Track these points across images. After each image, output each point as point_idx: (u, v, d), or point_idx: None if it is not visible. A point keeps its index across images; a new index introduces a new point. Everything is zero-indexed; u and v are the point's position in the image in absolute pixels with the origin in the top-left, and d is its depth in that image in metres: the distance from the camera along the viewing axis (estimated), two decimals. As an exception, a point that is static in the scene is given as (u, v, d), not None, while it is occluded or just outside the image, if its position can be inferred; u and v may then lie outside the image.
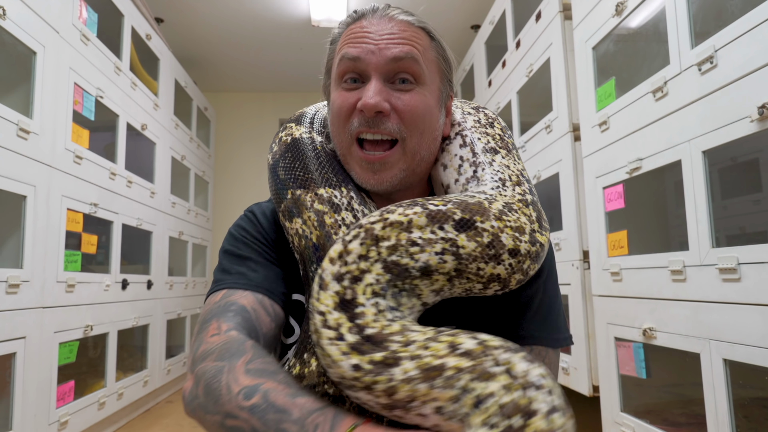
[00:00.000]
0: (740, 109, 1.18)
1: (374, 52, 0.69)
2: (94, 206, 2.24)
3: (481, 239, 0.58)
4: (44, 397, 1.87)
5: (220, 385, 0.58)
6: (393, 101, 0.69)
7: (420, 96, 0.71)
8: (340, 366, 0.50)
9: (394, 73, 0.70)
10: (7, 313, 1.67)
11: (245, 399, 0.55)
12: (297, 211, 0.70)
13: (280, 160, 0.76)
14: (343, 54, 0.71)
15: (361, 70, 0.70)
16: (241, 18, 3.51)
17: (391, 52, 0.69)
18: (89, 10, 2.23)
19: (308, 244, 0.69)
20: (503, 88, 2.82)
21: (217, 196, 4.62)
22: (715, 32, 1.26)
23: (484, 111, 0.83)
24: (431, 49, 0.74)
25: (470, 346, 0.46)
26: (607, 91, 1.77)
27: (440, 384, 0.44)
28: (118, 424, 2.61)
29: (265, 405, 0.53)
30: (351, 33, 0.73)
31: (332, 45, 0.77)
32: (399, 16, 0.73)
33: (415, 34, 0.72)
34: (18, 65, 1.83)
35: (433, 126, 0.73)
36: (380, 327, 0.51)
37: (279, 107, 4.84)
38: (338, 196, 0.70)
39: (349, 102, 0.71)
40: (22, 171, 1.75)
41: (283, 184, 0.73)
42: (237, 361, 0.59)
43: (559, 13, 2.14)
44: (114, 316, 2.44)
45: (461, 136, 0.77)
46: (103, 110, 2.39)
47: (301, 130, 0.79)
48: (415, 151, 0.71)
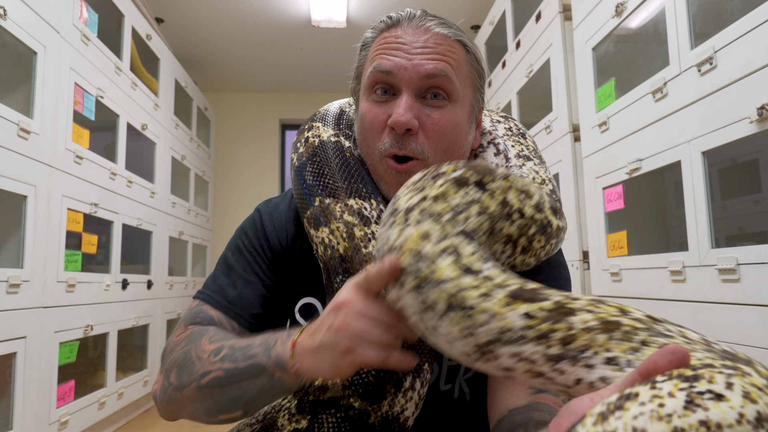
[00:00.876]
0: (740, 110, 1.19)
1: (407, 68, 0.67)
2: (94, 206, 2.24)
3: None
4: (45, 397, 1.88)
5: (190, 360, 0.63)
6: (422, 118, 0.68)
7: (450, 114, 0.69)
8: (506, 317, 0.44)
9: (426, 88, 0.68)
10: (8, 312, 1.68)
11: (215, 356, 0.61)
12: (324, 220, 0.69)
13: (307, 163, 0.74)
14: (376, 65, 0.69)
15: (392, 83, 0.69)
16: (242, 18, 3.52)
17: (424, 68, 0.67)
18: (90, 10, 2.24)
19: (334, 255, 0.68)
20: (503, 89, 2.82)
21: (217, 196, 4.62)
22: (715, 33, 1.27)
23: (513, 121, 0.83)
24: (466, 63, 0.72)
25: (640, 315, 0.43)
26: (607, 92, 1.77)
27: (618, 336, 0.41)
28: (118, 424, 2.61)
29: (232, 350, 0.60)
30: (384, 42, 0.70)
31: (364, 50, 0.75)
32: (435, 28, 0.70)
33: (450, 48, 0.70)
34: (18, 65, 1.83)
35: (460, 143, 0.72)
36: (521, 283, 0.46)
37: (279, 107, 4.84)
38: (368, 209, 0.69)
39: (380, 119, 0.70)
40: (23, 171, 1.75)
41: (311, 190, 0.72)
42: (201, 340, 0.65)
43: (559, 14, 2.15)
44: (114, 315, 2.44)
45: (494, 144, 0.77)
46: (104, 110, 2.39)
47: (329, 132, 0.78)
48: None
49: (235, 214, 4.58)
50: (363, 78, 0.73)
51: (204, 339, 0.65)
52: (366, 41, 0.75)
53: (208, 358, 0.62)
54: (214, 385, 0.60)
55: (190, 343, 0.66)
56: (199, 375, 0.61)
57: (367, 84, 0.71)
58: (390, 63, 0.68)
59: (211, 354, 0.62)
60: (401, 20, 0.71)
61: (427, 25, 0.70)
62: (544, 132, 2.29)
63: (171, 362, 0.66)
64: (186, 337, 0.68)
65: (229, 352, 0.61)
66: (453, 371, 0.70)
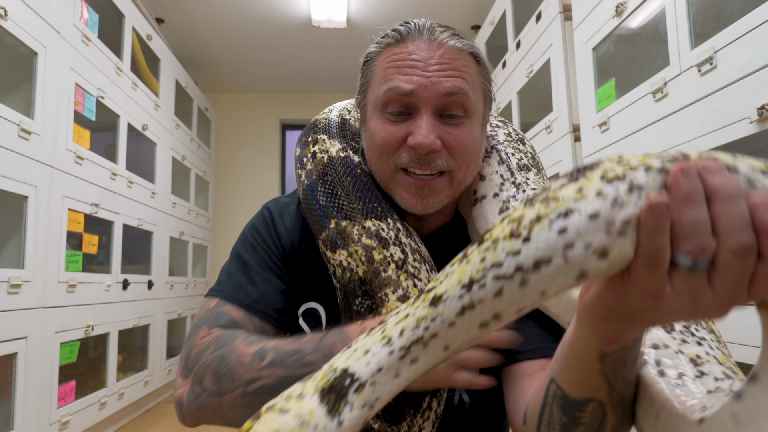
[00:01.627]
0: (740, 110, 1.19)
1: (426, 87, 0.66)
2: (95, 206, 2.24)
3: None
4: (45, 397, 1.88)
5: (229, 366, 0.61)
6: (444, 136, 0.67)
7: (469, 129, 0.69)
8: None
9: (445, 106, 0.67)
10: (9, 313, 1.68)
11: (260, 361, 0.59)
12: (342, 243, 0.68)
13: (318, 182, 0.73)
14: (392, 87, 0.67)
15: (410, 103, 0.67)
16: (242, 18, 3.52)
17: (443, 87, 0.66)
18: (90, 10, 2.24)
19: (353, 278, 0.67)
20: (503, 89, 2.82)
21: (218, 196, 4.62)
22: (715, 33, 1.27)
23: (511, 126, 0.83)
24: (478, 75, 0.71)
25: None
26: (607, 92, 1.77)
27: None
28: (119, 424, 2.62)
29: (280, 356, 0.59)
30: (397, 59, 0.68)
31: (368, 64, 0.73)
32: (449, 41, 0.68)
33: (464, 62, 0.68)
34: (19, 66, 1.83)
35: (479, 154, 0.72)
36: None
37: (279, 107, 4.84)
38: (385, 229, 0.68)
39: (396, 137, 0.68)
40: (24, 171, 1.75)
41: (325, 212, 0.71)
42: (235, 342, 0.63)
43: (559, 14, 2.15)
44: (115, 316, 2.45)
45: (497, 151, 0.77)
46: (104, 111, 2.40)
47: (336, 146, 0.76)
48: (461, 181, 0.71)
49: (235, 214, 4.58)
50: (371, 94, 0.71)
51: (238, 342, 0.63)
52: (371, 56, 0.73)
53: (251, 363, 0.60)
54: (265, 392, 0.58)
55: (222, 346, 0.64)
56: (245, 381, 0.60)
57: (380, 103, 0.69)
58: (408, 85, 0.66)
59: (255, 358, 0.60)
60: (411, 34, 0.69)
61: (440, 39, 0.68)
62: (544, 132, 2.29)
63: (202, 367, 0.63)
64: (214, 340, 0.66)
65: (276, 357, 0.59)
66: None
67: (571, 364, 0.46)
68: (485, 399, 0.73)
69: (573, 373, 0.46)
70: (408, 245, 0.68)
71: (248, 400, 0.60)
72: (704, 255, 0.33)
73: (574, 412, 0.48)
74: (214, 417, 0.63)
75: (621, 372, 0.44)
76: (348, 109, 0.84)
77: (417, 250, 0.69)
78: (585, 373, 0.44)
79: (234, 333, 0.66)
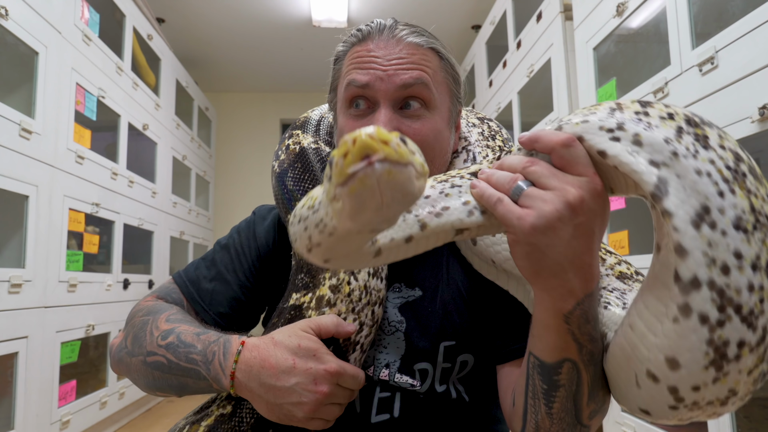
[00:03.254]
0: (741, 109, 1.19)
1: (383, 79, 0.67)
2: (95, 206, 2.25)
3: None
4: (46, 397, 1.88)
5: (144, 333, 0.68)
6: (403, 129, 0.68)
7: (430, 122, 0.69)
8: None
9: (404, 98, 0.68)
10: (10, 312, 1.68)
11: (162, 339, 0.66)
12: None
13: (288, 169, 0.76)
14: (350, 80, 0.69)
15: (369, 96, 0.69)
16: (243, 18, 3.52)
17: (400, 78, 0.67)
18: (91, 10, 2.24)
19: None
20: (504, 89, 2.82)
21: (218, 196, 4.62)
22: (716, 33, 1.27)
23: (489, 123, 0.82)
24: (440, 70, 0.71)
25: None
26: (608, 92, 1.77)
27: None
28: (120, 424, 2.62)
29: (177, 342, 0.65)
30: (357, 56, 0.70)
31: (337, 63, 0.75)
32: (407, 37, 0.69)
33: (423, 56, 0.69)
34: (20, 65, 1.83)
35: (444, 149, 0.73)
36: None
37: (280, 107, 4.84)
38: None
39: None
40: (25, 171, 1.75)
41: (292, 195, 0.74)
42: (161, 315, 0.70)
43: (560, 14, 2.15)
44: (116, 315, 2.45)
45: (466, 151, 0.77)
46: (105, 110, 2.40)
47: (309, 139, 0.79)
48: None
49: (235, 213, 4.58)
50: (339, 92, 0.73)
51: (163, 316, 0.70)
52: (338, 55, 0.74)
53: (157, 338, 0.66)
54: (156, 368, 0.65)
55: (151, 313, 0.71)
56: (146, 352, 0.66)
57: (343, 99, 0.71)
58: (365, 77, 0.68)
59: (160, 336, 0.66)
60: (371, 33, 0.71)
61: (398, 36, 0.70)
62: (545, 132, 2.29)
63: (131, 326, 0.72)
64: (150, 306, 0.73)
65: (174, 342, 0.65)
66: (446, 372, 0.71)
67: (541, 333, 0.51)
68: (483, 396, 0.74)
69: (544, 341, 0.51)
70: None
71: (144, 369, 0.67)
72: (514, 183, 0.47)
73: (552, 376, 0.52)
74: (127, 373, 0.71)
75: (586, 329, 0.49)
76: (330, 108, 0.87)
77: None
78: (554, 336, 0.50)
79: (166, 306, 0.73)
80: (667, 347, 0.41)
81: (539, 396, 0.54)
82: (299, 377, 0.58)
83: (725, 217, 0.38)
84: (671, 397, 0.42)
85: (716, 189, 0.39)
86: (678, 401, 0.42)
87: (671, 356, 0.41)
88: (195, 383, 0.64)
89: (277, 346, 0.60)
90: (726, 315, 0.39)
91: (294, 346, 0.60)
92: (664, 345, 0.41)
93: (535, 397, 0.55)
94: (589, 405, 0.53)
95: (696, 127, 0.42)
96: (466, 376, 0.72)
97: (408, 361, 0.69)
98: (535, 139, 0.47)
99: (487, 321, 0.70)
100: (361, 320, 0.66)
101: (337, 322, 0.64)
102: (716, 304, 0.38)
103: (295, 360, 0.59)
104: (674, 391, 0.42)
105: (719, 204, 0.39)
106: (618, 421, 1.70)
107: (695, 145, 0.41)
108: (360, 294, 0.66)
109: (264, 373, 0.59)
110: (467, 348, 0.71)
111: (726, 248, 0.38)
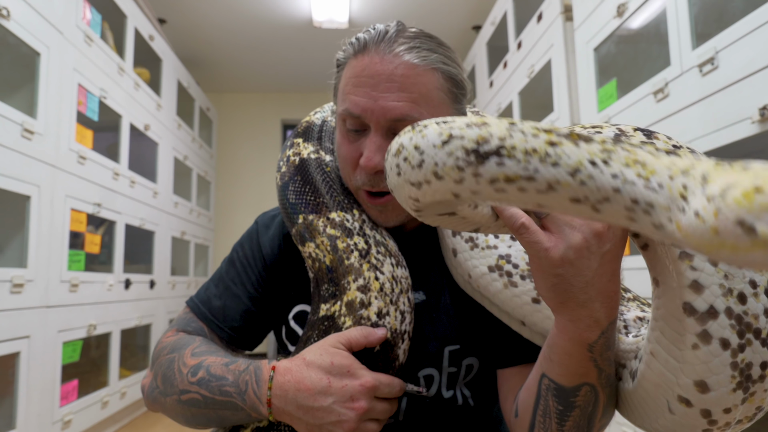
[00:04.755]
0: (741, 110, 1.19)
1: (373, 111, 0.66)
2: (97, 206, 2.25)
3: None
4: (48, 396, 1.88)
5: (173, 371, 0.68)
6: None
7: None
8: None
9: (395, 127, 0.67)
10: (12, 312, 1.68)
11: (192, 376, 0.65)
12: (309, 235, 0.71)
13: (289, 182, 0.76)
14: (345, 109, 0.68)
15: (362, 122, 0.68)
16: (244, 19, 3.52)
17: (390, 114, 0.65)
18: (93, 11, 2.24)
19: (321, 267, 0.70)
20: (504, 89, 2.83)
21: (219, 196, 4.63)
22: (717, 34, 1.27)
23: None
24: (438, 90, 0.67)
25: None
26: (609, 92, 1.77)
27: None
28: (121, 423, 2.62)
29: (208, 376, 0.64)
30: (353, 74, 0.68)
31: (339, 70, 0.74)
32: (405, 55, 0.66)
33: (418, 79, 0.66)
34: (22, 66, 1.84)
35: None
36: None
37: (281, 108, 4.85)
38: (350, 220, 0.71)
39: (352, 157, 0.70)
40: (27, 171, 1.76)
41: (294, 209, 0.73)
42: (185, 350, 0.70)
43: (560, 15, 2.15)
44: (117, 315, 2.45)
45: None
46: (107, 111, 2.40)
47: (309, 149, 0.79)
48: None
49: (236, 214, 4.59)
50: (338, 104, 0.73)
51: (188, 350, 0.69)
52: (339, 62, 0.73)
53: (187, 375, 0.66)
54: (192, 404, 0.65)
55: (176, 350, 0.71)
56: (179, 390, 0.66)
57: (339, 117, 0.71)
58: (357, 108, 0.67)
59: (190, 373, 0.66)
60: (369, 44, 0.68)
61: (396, 51, 0.66)
62: (545, 132, 2.29)
63: (159, 365, 0.71)
64: (173, 342, 0.73)
65: (205, 377, 0.65)
66: (453, 377, 0.71)
67: (561, 360, 0.51)
68: (487, 399, 0.74)
69: (564, 367, 0.51)
70: (372, 237, 0.70)
71: (181, 407, 0.66)
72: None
73: (568, 398, 0.52)
74: (164, 412, 0.71)
75: (607, 355, 0.50)
76: (333, 110, 0.86)
77: (382, 243, 0.70)
78: (576, 364, 0.50)
79: (189, 339, 0.73)
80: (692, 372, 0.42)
81: (552, 415, 0.54)
82: (336, 396, 0.58)
83: None
84: (704, 421, 0.44)
85: None
86: (711, 424, 0.44)
87: (699, 380, 0.42)
88: (233, 414, 0.64)
89: (310, 367, 0.60)
90: (746, 339, 0.41)
91: (327, 364, 0.60)
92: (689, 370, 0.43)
93: (547, 415, 0.55)
94: (601, 420, 0.54)
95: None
96: (472, 380, 0.72)
97: (412, 367, 0.70)
98: None
99: (490, 324, 0.71)
100: (400, 309, 0.66)
101: (366, 332, 0.63)
102: (735, 330, 0.41)
103: (329, 379, 0.59)
104: (707, 414, 0.43)
105: None
106: (618, 422, 1.71)
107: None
108: (391, 285, 0.67)
109: (300, 395, 0.59)
110: (472, 351, 0.71)
111: (742, 279, 0.41)
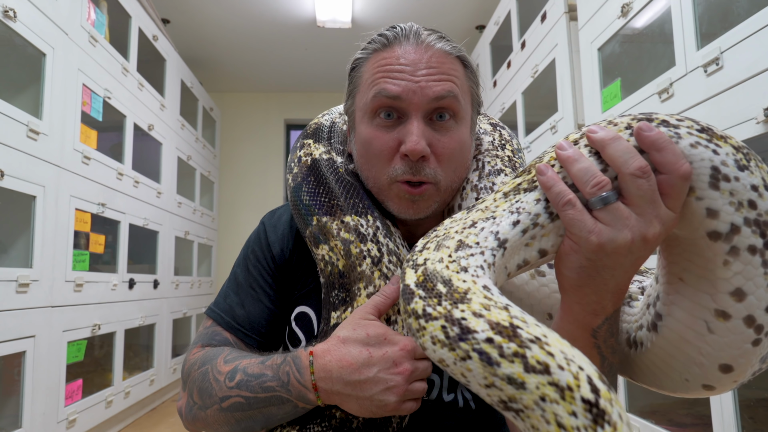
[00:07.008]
0: (746, 110, 1.18)
1: (415, 91, 0.66)
2: (101, 206, 2.26)
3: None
4: (53, 396, 1.89)
5: (209, 382, 0.67)
6: (434, 143, 0.67)
7: (457, 135, 0.69)
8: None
9: (434, 109, 0.67)
10: (17, 312, 1.69)
11: (230, 381, 0.65)
12: (323, 238, 0.71)
13: (303, 183, 0.75)
14: (380, 90, 0.67)
15: (399, 107, 0.67)
16: (247, 19, 3.53)
17: (432, 91, 0.66)
18: (97, 12, 2.25)
19: (333, 271, 0.70)
20: (508, 89, 2.82)
21: (223, 195, 4.63)
22: (722, 34, 1.27)
23: (501, 131, 0.81)
24: (466, 79, 0.71)
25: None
26: (613, 92, 1.77)
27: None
28: (125, 423, 2.63)
29: (246, 377, 0.64)
30: (386, 63, 0.68)
31: (356, 71, 0.73)
32: (436, 44, 0.68)
33: (452, 66, 0.68)
34: (28, 67, 1.85)
35: (467, 159, 0.73)
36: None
37: (284, 107, 4.85)
38: (364, 225, 0.70)
39: (389, 146, 0.68)
40: (32, 171, 1.76)
41: (308, 210, 0.73)
42: (217, 360, 0.69)
43: (564, 14, 2.14)
44: (121, 315, 2.46)
45: (476, 159, 0.76)
46: (111, 111, 2.41)
47: (320, 149, 0.79)
48: (448, 187, 0.70)
49: (240, 213, 4.60)
50: (360, 100, 0.72)
51: (219, 359, 0.69)
52: (358, 62, 0.73)
53: (225, 382, 0.65)
54: (236, 409, 0.64)
55: (206, 362, 0.70)
56: (219, 399, 0.65)
57: (370, 108, 0.69)
58: (397, 88, 0.66)
59: (227, 379, 0.66)
60: (398, 38, 0.69)
61: (427, 42, 0.68)
62: (549, 132, 2.29)
63: (192, 381, 0.70)
64: (201, 357, 0.72)
65: (243, 379, 0.64)
66: (454, 380, 0.71)
67: None
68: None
69: None
70: (385, 246, 0.69)
71: (224, 415, 0.66)
72: (603, 189, 0.44)
73: None
74: (207, 427, 0.70)
75: (610, 342, 0.51)
76: (340, 113, 0.86)
77: (394, 252, 0.69)
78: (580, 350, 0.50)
79: (218, 351, 0.72)
80: (727, 285, 0.44)
81: None
82: (379, 364, 0.59)
83: (728, 166, 0.44)
84: (751, 330, 0.45)
85: (710, 150, 0.44)
86: (758, 331, 0.45)
87: (734, 289, 0.44)
88: (279, 409, 0.63)
89: (347, 343, 0.60)
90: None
91: (363, 336, 0.60)
92: (723, 284, 0.45)
93: None
94: None
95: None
96: None
97: None
98: (659, 146, 0.44)
99: None
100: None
101: (386, 291, 0.64)
102: (757, 233, 0.43)
103: (369, 350, 0.59)
104: (751, 321, 0.45)
105: (719, 159, 0.44)
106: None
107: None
108: None
109: (344, 372, 0.59)
110: None
111: (744, 189, 0.44)
